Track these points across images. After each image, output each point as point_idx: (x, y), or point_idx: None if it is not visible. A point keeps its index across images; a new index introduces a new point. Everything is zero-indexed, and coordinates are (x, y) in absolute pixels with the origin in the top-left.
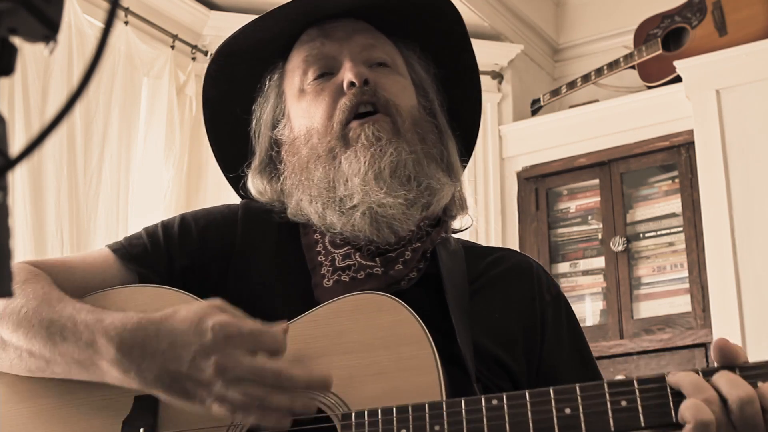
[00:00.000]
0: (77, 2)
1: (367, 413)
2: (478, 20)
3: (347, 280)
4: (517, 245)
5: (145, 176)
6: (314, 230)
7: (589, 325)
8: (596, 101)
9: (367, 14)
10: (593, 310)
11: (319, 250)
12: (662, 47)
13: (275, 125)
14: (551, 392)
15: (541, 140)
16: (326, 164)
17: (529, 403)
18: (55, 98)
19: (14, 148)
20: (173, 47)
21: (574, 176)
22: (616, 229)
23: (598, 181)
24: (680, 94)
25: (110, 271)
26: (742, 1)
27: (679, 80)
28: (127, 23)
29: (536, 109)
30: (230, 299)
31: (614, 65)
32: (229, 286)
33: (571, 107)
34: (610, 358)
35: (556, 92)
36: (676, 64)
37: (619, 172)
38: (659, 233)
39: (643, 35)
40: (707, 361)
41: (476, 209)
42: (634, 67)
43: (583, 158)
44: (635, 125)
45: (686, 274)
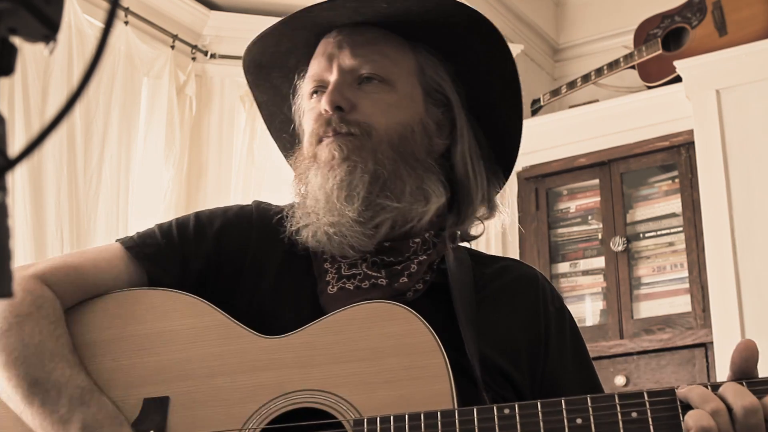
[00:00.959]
0: (77, 2)
1: (379, 420)
2: None
3: (351, 288)
4: (517, 245)
5: (145, 176)
6: None
7: (589, 325)
8: (596, 101)
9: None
10: (593, 310)
11: (326, 257)
12: (662, 47)
13: (301, 117)
14: (563, 402)
15: (541, 140)
16: (302, 181)
17: (540, 412)
18: (55, 98)
19: (14, 148)
20: (173, 47)
21: (574, 176)
22: (616, 229)
23: (598, 181)
24: (680, 94)
25: (122, 272)
26: (742, 1)
27: (679, 80)
28: (127, 23)
29: (536, 109)
30: (242, 303)
31: (614, 65)
32: (241, 290)
33: (571, 107)
34: (610, 358)
35: (556, 92)
36: (676, 64)
37: (619, 172)
38: (659, 233)
39: (643, 35)
40: (707, 361)
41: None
42: (634, 67)
43: (583, 158)
44: (635, 125)
45: (686, 274)
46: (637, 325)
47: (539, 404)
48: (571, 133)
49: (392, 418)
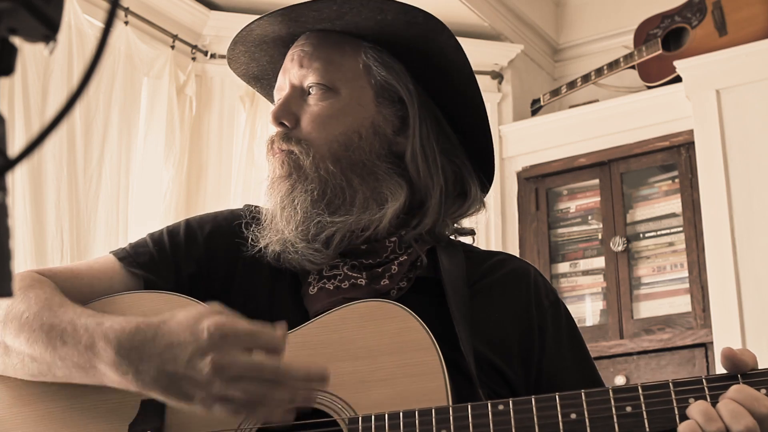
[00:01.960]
0: (77, 2)
1: (374, 417)
2: (478, 20)
3: (331, 288)
4: (517, 245)
5: (145, 176)
6: None
7: (589, 325)
8: (596, 101)
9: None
10: (593, 310)
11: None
12: (662, 47)
13: None
14: (557, 398)
15: (541, 140)
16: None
17: (535, 408)
18: (55, 98)
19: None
20: (173, 47)
21: (574, 176)
22: (616, 229)
23: (598, 181)
24: (680, 94)
25: (116, 278)
26: (742, 1)
27: (679, 80)
28: (127, 23)
29: (536, 109)
30: (236, 306)
31: (614, 65)
32: (233, 292)
33: (571, 107)
34: (610, 358)
35: (556, 92)
36: (676, 64)
37: (619, 172)
38: (659, 233)
39: (643, 35)
40: (707, 361)
41: (487, 215)
42: (634, 67)
43: (583, 158)
44: (635, 125)
45: (686, 274)
46: (637, 325)
47: (533, 400)
48: (571, 133)
49: (387, 415)
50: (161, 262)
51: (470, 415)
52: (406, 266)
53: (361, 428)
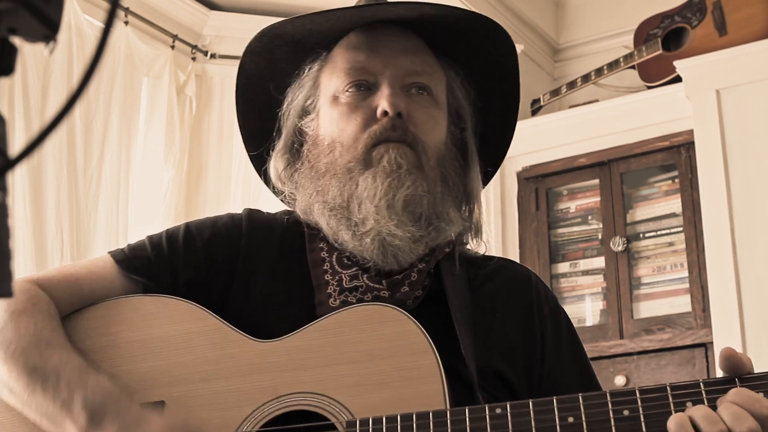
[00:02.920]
0: (77, 2)
1: (371, 421)
2: None
3: (354, 301)
4: (517, 245)
5: (145, 176)
6: (321, 246)
7: (589, 325)
8: (596, 101)
9: (419, 27)
10: (593, 310)
11: (326, 268)
12: (662, 47)
13: (304, 115)
14: (554, 401)
15: (541, 140)
16: (342, 183)
17: (532, 411)
18: (55, 98)
19: (14, 148)
20: (173, 47)
21: (574, 176)
22: (616, 229)
23: (598, 181)
24: (680, 94)
25: (115, 281)
26: (742, 1)
27: (679, 80)
28: (127, 23)
29: (536, 109)
30: (233, 311)
31: (614, 65)
32: (232, 298)
33: (571, 107)
34: (610, 358)
35: (556, 92)
36: (676, 64)
37: (619, 172)
38: (659, 233)
39: (643, 35)
40: (707, 361)
41: (487, 215)
42: (634, 67)
43: (583, 158)
44: (635, 125)
45: (686, 274)
46: (637, 325)
47: (531, 403)
48: (571, 133)
49: (384, 419)
50: (158, 266)
51: (468, 418)
52: (424, 274)
53: (358, 431)
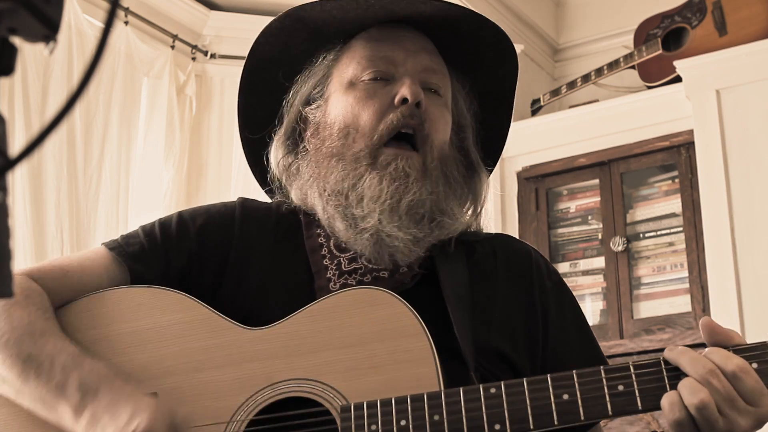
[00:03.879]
0: (77, 2)
1: (366, 405)
2: None
3: (354, 283)
4: None
5: (145, 176)
6: (318, 233)
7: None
8: (596, 101)
9: (434, 35)
10: (593, 310)
11: (324, 253)
12: (662, 47)
13: (309, 103)
14: (549, 379)
15: (541, 140)
16: (347, 169)
17: (527, 390)
18: (55, 98)
19: (14, 148)
20: (173, 47)
21: (574, 176)
22: (616, 229)
23: (598, 181)
24: (680, 94)
25: (106, 271)
26: (742, 1)
27: (679, 80)
28: (127, 23)
29: (536, 109)
30: (227, 299)
31: (614, 65)
32: (225, 286)
33: (571, 107)
34: (610, 358)
35: (556, 92)
36: (676, 64)
37: (619, 172)
38: (659, 233)
39: (643, 35)
40: None
41: (487, 215)
42: (634, 67)
43: (583, 158)
44: (635, 125)
45: (686, 274)
46: (637, 325)
47: (525, 382)
48: (571, 133)
49: (378, 402)
50: (151, 253)
51: (462, 399)
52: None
53: (353, 416)
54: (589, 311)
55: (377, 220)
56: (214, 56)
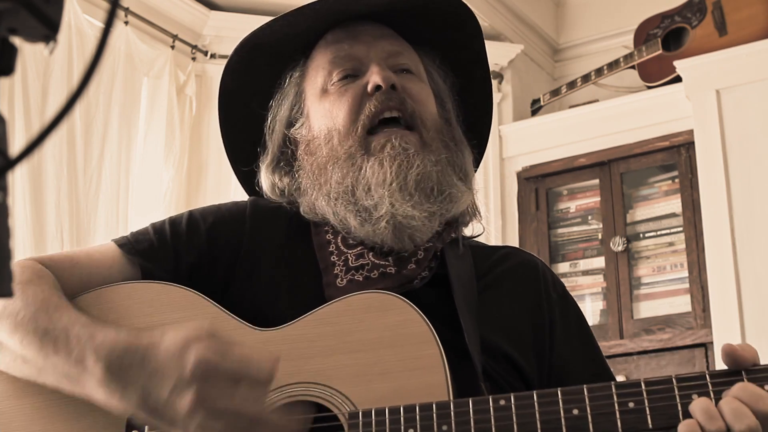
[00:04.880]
0: (77, 2)
1: (374, 412)
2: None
3: (361, 279)
4: (517, 245)
5: (145, 176)
6: (326, 230)
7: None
8: (596, 101)
9: (390, 21)
10: (593, 310)
11: (331, 250)
12: (662, 47)
13: (292, 124)
14: (559, 393)
15: (541, 140)
16: (345, 168)
17: (536, 403)
18: (55, 98)
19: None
20: (173, 47)
21: (574, 176)
22: (616, 229)
23: (598, 181)
24: (680, 94)
25: (115, 266)
26: (742, 1)
27: (679, 80)
28: (127, 23)
29: (536, 109)
30: (236, 297)
31: (614, 65)
32: (235, 284)
33: (571, 107)
34: (610, 358)
35: (556, 92)
36: (676, 64)
37: (619, 172)
38: (659, 233)
39: (643, 35)
40: (707, 361)
41: (487, 215)
42: (634, 67)
43: (583, 158)
44: (635, 125)
45: (686, 274)
46: (637, 325)
47: (535, 395)
48: (571, 133)
49: (387, 410)
50: (161, 249)
51: (471, 410)
52: (431, 253)
53: (361, 423)
54: (589, 311)
55: (389, 204)
56: (214, 56)
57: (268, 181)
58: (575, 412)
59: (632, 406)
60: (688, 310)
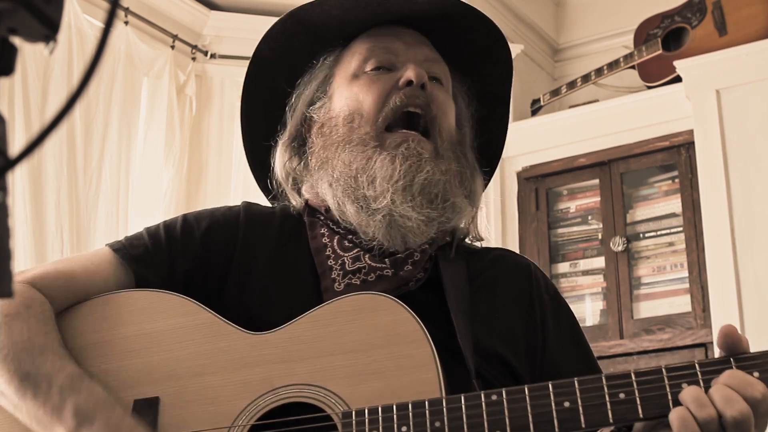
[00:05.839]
0: (77, 2)
1: (367, 411)
2: None
3: (358, 283)
4: (517, 245)
5: (145, 176)
6: (322, 233)
7: (589, 325)
8: (596, 101)
9: (434, 38)
10: (593, 310)
11: (328, 254)
12: (662, 47)
13: (313, 103)
14: (550, 386)
15: (541, 140)
16: (355, 152)
17: (528, 397)
18: (55, 98)
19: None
20: (173, 47)
21: (574, 176)
22: (616, 229)
23: (598, 181)
24: (680, 94)
25: (111, 274)
26: (742, 1)
27: (679, 80)
28: (127, 23)
29: (536, 109)
30: (231, 303)
31: (614, 65)
32: (229, 288)
33: (571, 107)
34: (610, 358)
35: (556, 92)
36: (676, 64)
37: (619, 172)
38: (659, 233)
39: (643, 35)
40: None
41: (487, 215)
42: (634, 67)
43: (583, 158)
44: (635, 125)
45: (686, 274)
46: (637, 325)
47: (526, 389)
48: (571, 133)
49: (380, 409)
50: (156, 255)
51: (464, 406)
52: (427, 255)
53: (354, 422)
54: (589, 311)
55: (390, 200)
56: (214, 56)
57: (281, 159)
58: (566, 404)
59: (623, 396)
60: (688, 310)
